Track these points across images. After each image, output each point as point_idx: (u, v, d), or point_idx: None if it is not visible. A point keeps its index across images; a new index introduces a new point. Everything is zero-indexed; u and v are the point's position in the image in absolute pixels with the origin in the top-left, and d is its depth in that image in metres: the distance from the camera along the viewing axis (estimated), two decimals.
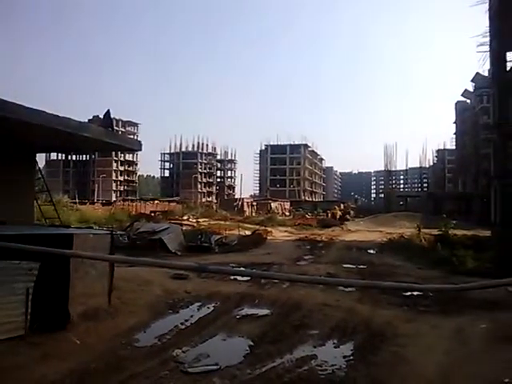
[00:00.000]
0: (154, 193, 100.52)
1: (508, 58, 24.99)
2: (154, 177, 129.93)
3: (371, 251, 19.70)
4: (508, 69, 24.90)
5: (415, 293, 9.05)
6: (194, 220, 31.09)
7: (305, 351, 5.83)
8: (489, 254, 15.35)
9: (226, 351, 6.04)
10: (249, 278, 10.32)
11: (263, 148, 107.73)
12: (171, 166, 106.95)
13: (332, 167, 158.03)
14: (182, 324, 7.08)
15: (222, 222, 31.38)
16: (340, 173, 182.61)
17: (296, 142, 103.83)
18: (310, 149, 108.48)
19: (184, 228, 22.37)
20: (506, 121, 23.54)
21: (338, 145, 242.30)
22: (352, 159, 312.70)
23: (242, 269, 11.95)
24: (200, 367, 5.32)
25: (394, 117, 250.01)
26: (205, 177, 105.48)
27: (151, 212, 37.59)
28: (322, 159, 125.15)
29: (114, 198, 72.53)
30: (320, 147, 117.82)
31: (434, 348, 5.92)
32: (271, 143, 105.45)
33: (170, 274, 10.47)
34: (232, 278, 10.54)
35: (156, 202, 50.94)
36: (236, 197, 79.56)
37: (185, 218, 32.47)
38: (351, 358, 5.57)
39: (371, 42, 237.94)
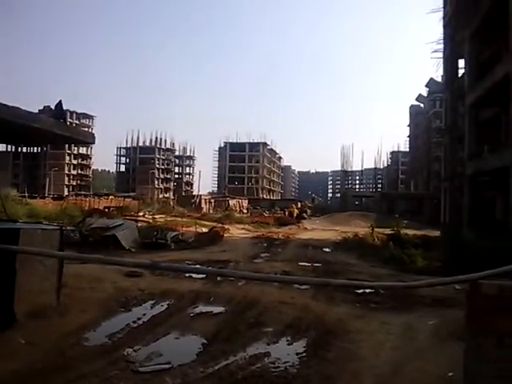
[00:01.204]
0: (109, 188, 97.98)
1: (460, 65, 26.17)
2: (109, 171, 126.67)
3: (327, 249, 20.04)
4: (460, 75, 26.06)
5: (367, 290, 9.28)
6: (150, 216, 30.59)
7: (258, 349, 5.83)
8: (438, 253, 15.96)
9: (178, 350, 5.95)
10: (204, 276, 10.24)
11: (222, 145, 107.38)
12: (127, 160, 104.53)
13: (290, 166, 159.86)
14: (134, 322, 6.91)
15: (179, 219, 31.07)
16: (298, 172, 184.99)
17: (255, 140, 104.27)
18: (268, 147, 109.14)
19: (139, 224, 21.95)
20: (457, 125, 24.62)
21: (297, 144, 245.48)
22: (310, 159, 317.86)
23: (197, 266, 11.86)
24: (151, 366, 5.20)
25: (352, 118, 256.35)
26: (162, 173, 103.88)
27: (105, 208, 36.56)
28: (280, 158, 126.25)
29: (66, 193, 70.22)
30: (279, 146, 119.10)
31: (384, 344, 6.07)
32: (230, 141, 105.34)
33: (124, 272, 10.22)
34: (187, 275, 10.41)
35: (111, 197, 49.61)
36: (194, 193, 78.82)
37: (140, 214, 31.83)
38: (304, 354, 5.62)
39: (332, 42, 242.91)
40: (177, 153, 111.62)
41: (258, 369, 5.12)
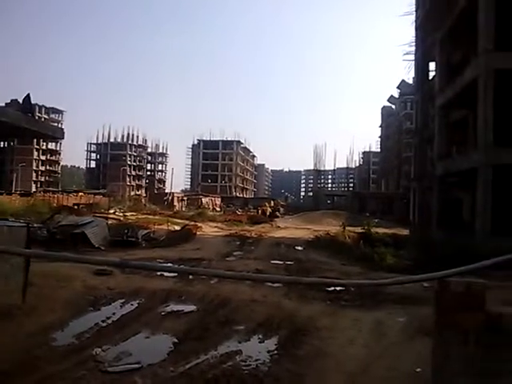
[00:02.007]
0: (79, 185, 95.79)
1: (431, 68, 26.79)
2: (79, 168, 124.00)
3: (299, 248, 20.16)
4: (430, 78, 26.67)
5: (338, 288, 9.38)
6: (121, 214, 30.11)
7: (230, 347, 5.81)
8: (407, 252, 16.28)
9: (148, 349, 5.86)
10: (176, 274, 10.13)
11: (196, 143, 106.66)
12: (98, 156, 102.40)
13: (264, 164, 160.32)
14: (103, 322, 6.78)
15: (151, 217, 30.73)
16: (271, 170, 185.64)
17: (229, 138, 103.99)
18: (242, 145, 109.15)
19: (110, 222, 21.57)
20: (427, 127, 25.21)
21: (271, 143, 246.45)
22: (283, 158, 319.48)
23: (169, 265, 11.73)
24: (120, 366, 5.12)
25: (325, 118, 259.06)
26: (134, 169, 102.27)
27: (74, 204, 35.81)
28: (254, 156, 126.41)
29: (33, 189, 68.35)
30: (252, 144, 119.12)
31: (354, 341, 6.15)
32: (204, 138, 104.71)
33: (93, 270, 10.01)
34: (158, 273, 10.27)
35: (80, 194, 48.61)
36: (166, 191, 78.01)
37: (111, 211, 31.34)
38: (275, 352, 5.64)
39: (308, 42, 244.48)
40: (149, 149, 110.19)
41: (230, 367, 5.10)
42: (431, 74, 26.63)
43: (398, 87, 70.85)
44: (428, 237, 18.04)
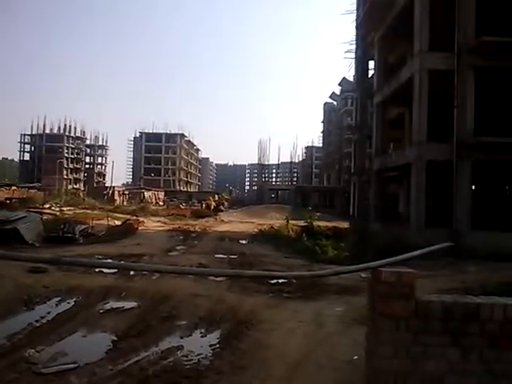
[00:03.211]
0: (12, 178, 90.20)
1: (370, 66, 27.73)
2: (12, 160, 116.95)
3: (243, 241, 20.28)
4: (370, 75, 27.61)
5: (280, 280, 9.53)
6: (58, 209, 28.74)
7: (171, 342, 5.74)
8: (347, 244, 16.85)
9: (86, 348, 5.66)
10: (116, 271, 9.85)
11: (138, 135, 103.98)
12: (32, 148, 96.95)
13: (208, 158, 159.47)
14: (36, 321, 6.46)
15: (90, 212, 29.64)
16: (216, 164, 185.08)
17: (172, 131, 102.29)
18: (186, 139, 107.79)
19: (45, 217, 20.57)
20: (366, 123, 26.12)
21: (215, 137, 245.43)
22: (228, 152, 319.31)
23: (109, 261, 11.38)
24: (56, 367, 4.90)
25: (270, 113, 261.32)
26: (71, 162, 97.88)
27: (6, 199, 33.70)
28: (198, 150, 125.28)
29: None
30: (197, 138, 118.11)
31: (295, 332, 6.28)
32: (146, 131, 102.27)
33: (26, 268, 9.51)
34: (97, 270, 9.96)
35: (13, 188, 45.79)
36: (107, 185, 75.47)
37: (46, 206, 29.87)
38: (217, 346, 5.64)
39: (255, 39, 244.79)
40: (88, 142, 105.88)
41: (171, 363, 5.05)
42: (371, 72, 27.60)
43: (339, 84, 72.81)
44: (366, 229, 18.73)
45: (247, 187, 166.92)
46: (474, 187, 22.45)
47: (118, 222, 23.35)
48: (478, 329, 3.09)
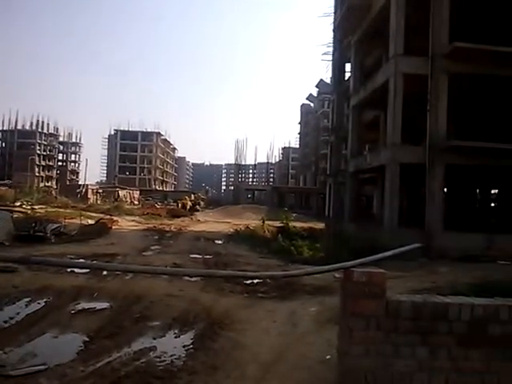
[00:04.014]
0: None
1: (347, 69, 28.07)
2: None
3: (219, 242, 20.23)
4: (346, 78, 27.94)
5: (256, 280, 9.54)
6: (29, 207, 28.08)
7: (144, 343, 5.67)
8: (322, 244, 17.01)
9: (56, 349, 5.53)
10: (88, 271, 9.68)
11: (113, 133, 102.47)
12: (3, 145, 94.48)
13: (185, 157, 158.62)
14: (5, 322, 6.29)
15: (62, 210, 29.06)
16: (192, 164, 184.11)
17: (149, 129, 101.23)
18: (162, 137, 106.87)
19: (15, 215, 20.04)
20: (342, 125, 26.43)
21: (192, 136, 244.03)
22: (205, 151, 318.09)
23: (81, 260, 11.18)
24: (25, 369, 4.78)
25: (247, 113, 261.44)
26: (44, 159, 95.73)
27: None
28: (174, 149, 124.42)
29: None
30: (173, 137, 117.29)
31: (269, 331, 6.30)
32: (122, 128, 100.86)
33: None
34: (69, 270, 9.77)
35: None
36: (80, 183, 74.06)
37: (17, 204, 29.12)
38: (191, 346, 5.60)
39: (235, 39, 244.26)
40: (61, 138, 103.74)
41: (143, 364, 4.99)
42: (348, 75, 27.94)
43: (316, 86, 73.50)
44: (341, 229, 18.96)
45: (224, 187, 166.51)
46: (446, 190, 22.99)
47: (91, 221, 22.96)
48: (446, 328, 3.17)
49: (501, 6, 18.30)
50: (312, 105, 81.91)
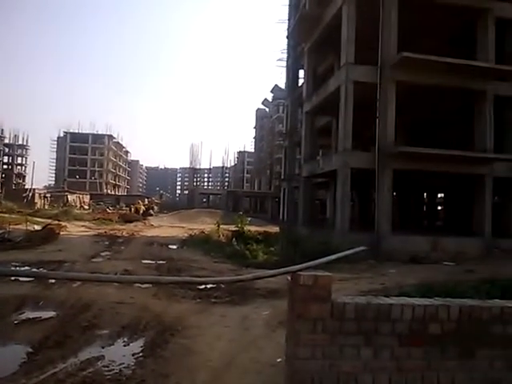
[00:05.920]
0: None
1: (301, 75, 28.56)
2: None
3: (172, 246, 19.97)
4: (300, 84, 28.42)
5: (209, 286, 9.49)
6: None
7: (91, 353, 5.50)
8: (276, 248, 17.17)
9: None
10: (33, 279, 9.28)
11: (62, 135, 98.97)
12: None
13: (138, 161, 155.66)
14: None
15: (7, 215, 27.75)
16: (146, 167, 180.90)
17: (100, 132, 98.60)
18: (114, 140, 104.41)
19: None
20: (296, 130, 26.83)
21: (146, 139, 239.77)
22: (159, 155, 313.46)
23: (26, 268, 10.72)
24: None
25: (202, 117, 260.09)
26: None
27: None
28: (127, 152, 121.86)
29: None
30: (126, 140, 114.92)
31: (221, 337, 6.28)
32: (71, 130, 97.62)
33: None
34: (13, 278, 9.32)
35: None
36: (27, 187, 70.88)
37: None
38: (140, 354, 5.49)
39: (191, 41, 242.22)
40: (7, 141, 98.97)
41: (90, 374, 4.84)
42: (302, 81, 28.43)
43: (271, 91, 74.26)
44: (295, 233, 19.20)
45: (179, 191, 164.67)
46: (396, 194, 23.83)
47: (38, 227, 22.05)
48: (389, 328, 3.28)
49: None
50: (267, 110, 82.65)
